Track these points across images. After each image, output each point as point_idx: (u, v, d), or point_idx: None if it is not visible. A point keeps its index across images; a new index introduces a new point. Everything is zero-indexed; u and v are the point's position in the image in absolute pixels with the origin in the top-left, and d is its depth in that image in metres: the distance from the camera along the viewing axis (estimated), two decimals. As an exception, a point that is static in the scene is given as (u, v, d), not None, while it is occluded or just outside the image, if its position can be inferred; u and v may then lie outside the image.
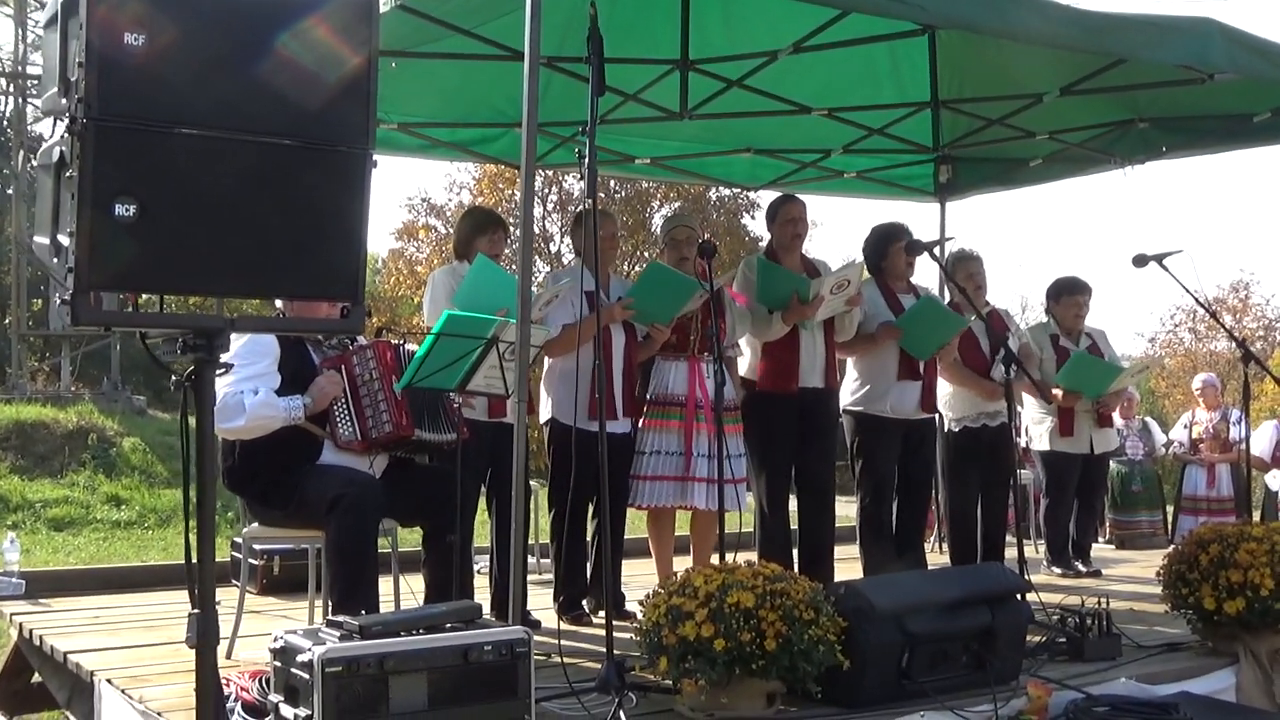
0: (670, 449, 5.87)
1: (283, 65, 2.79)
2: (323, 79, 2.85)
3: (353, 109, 2.90)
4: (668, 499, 5.87)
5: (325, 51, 2.85)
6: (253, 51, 2.76)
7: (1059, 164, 8.21)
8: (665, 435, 5.90)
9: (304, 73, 2.82)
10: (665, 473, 5.86)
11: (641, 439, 5.93)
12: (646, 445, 5.91)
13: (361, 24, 2.92)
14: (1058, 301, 7.68)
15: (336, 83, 2.87)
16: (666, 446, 5.88)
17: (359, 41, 2.91)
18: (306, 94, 2.83)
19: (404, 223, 24.98)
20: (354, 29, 2.90)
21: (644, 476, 5.87)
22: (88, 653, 4.98)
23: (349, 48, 2.89)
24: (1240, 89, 6.29)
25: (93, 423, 15.13)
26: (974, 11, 4.68)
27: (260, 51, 2.77)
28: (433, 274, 5.92)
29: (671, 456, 5.87)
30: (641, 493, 5.87)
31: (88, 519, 12.71)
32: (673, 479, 5.85)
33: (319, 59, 2.84)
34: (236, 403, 4.59)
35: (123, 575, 7.19)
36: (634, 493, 5.89)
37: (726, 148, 8.14)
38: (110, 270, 2.61)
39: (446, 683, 3.42)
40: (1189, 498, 10.09)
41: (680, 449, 5.85)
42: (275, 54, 2.78)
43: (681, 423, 5.88)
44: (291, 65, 2.80)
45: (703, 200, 23.91)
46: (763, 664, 3.79)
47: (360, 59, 2.91)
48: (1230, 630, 4.96)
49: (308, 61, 2.83)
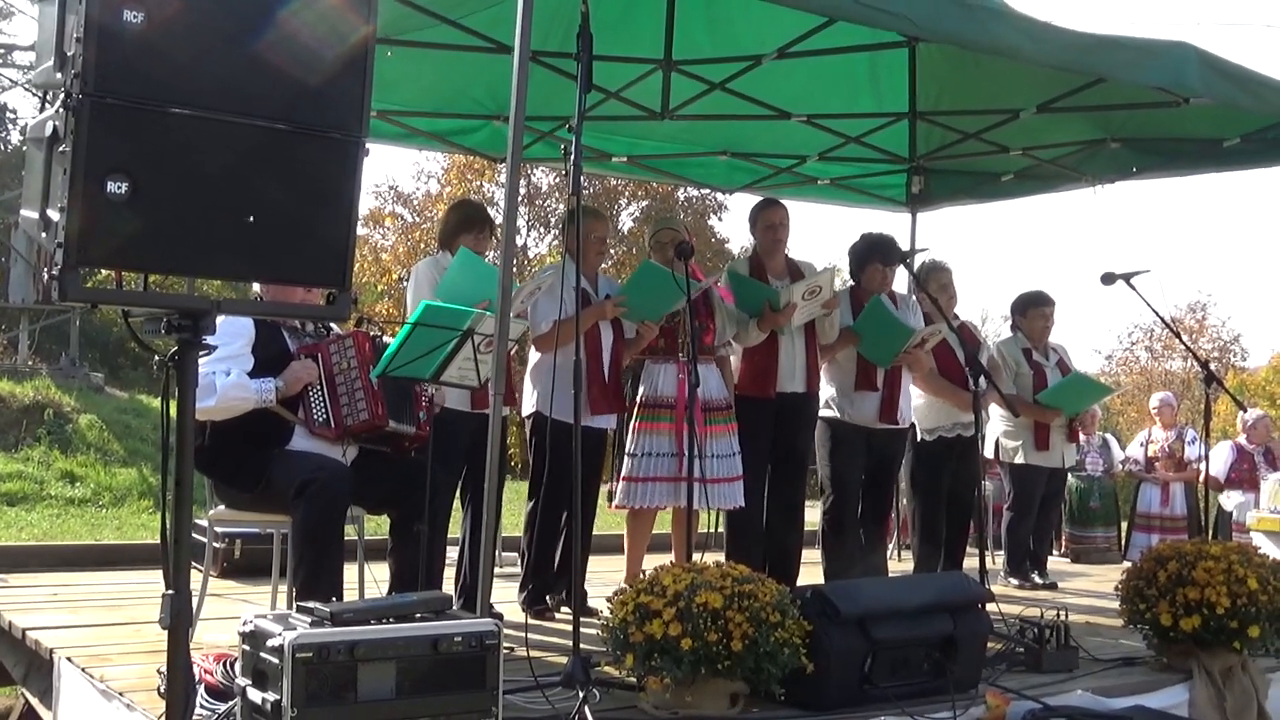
0: (662, 450, 5.89)
1: (281, 49, 2.79)
2: (320, 64, 2.85)
3: (348, 96, 2.90)
4: (662, 500, 5.89)
5: (323, 36, 2.85)
6: (251, 34, 2.76)
7: (1030, 180, 8.29)
8: (657, 437, 5.91)
9: (302, 57, 2.82)
10: (659, 474, 5.87)
11: (633, 442, 5.95)
12: (639, 448, 5.93)
13: (360, 10, 2.92)
14: (1024, 315, 7.76)
15: (333, 68, 2.87)
16: (659, 448, 5.90)
17: (357, 27, 2.91)
18: (302, 79, 2.83)
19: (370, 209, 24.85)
20: (353, 15, 2.90)
21: (638, 479, 5.89)
22: (47, 630, 4.94)
23: (347, 34, 2.89)
24: (1213, 114, 6.40)
25: (49, 398, 14.95)
26: (959, 26, 4.71)
27: (259, 34, 2.77)
28: (416, 266, 5.91)
29: (664, 458, 5.89)
30: (635, 494, 5.89)
31: (41, 495, 12.54)
32: (667, 480, 5.86)
33: (317, 44, 2.84)
34: (208, 383, 4.57)
35: (79, 553, 7.14)
36: (628, 494, 5.90)
37: (704, 149, 8.17)
38: (100, 247, 2.60)
39: (415, 672, 3.42)
40: (1143, 515, 10.25)
41: (672, 450, 5.86)
42: (273, 37, 2.78)
43: (672, 424, 5.89)
44: (289, 49, 2.80)
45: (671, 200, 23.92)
46: (728, 664, 3.82)
47: (358, 45, 2.91)
48: (1185, 646, 5.04)
49: (306, 46, 2.83)
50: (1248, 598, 4.90)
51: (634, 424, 5.96)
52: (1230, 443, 10.32)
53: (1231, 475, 9.94)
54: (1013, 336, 7.86)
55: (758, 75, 6.68)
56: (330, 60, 2.86)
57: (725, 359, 6.22)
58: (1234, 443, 10.25)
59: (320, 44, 2.85)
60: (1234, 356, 29.55)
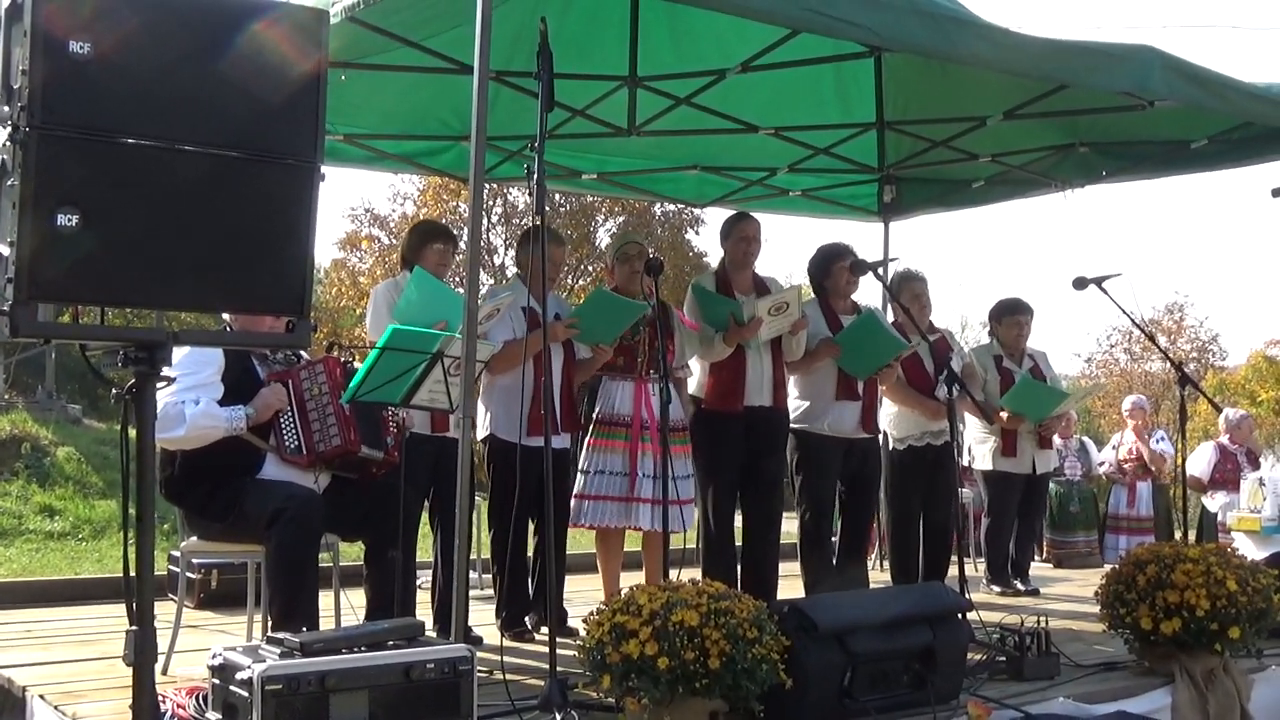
0: (615, 469, 5.85)
1: (231, 76, 2.77)
2: (271, 90, 2.83)
3: (301, 121, 2.88)
4: (612, 519, 5.85)
5: (274, 63, 2.83)
6: (201, 62, 2.75)
7: (1001, 186, 8.30)
8: (610, 455, 5.87)
9: (252, 84, 2.80)
10: (609, 493, 5.83)
11: (586, 459, 5.92)
12: (591, 465, 5.89)
13: (311, 36, 2.90)
14: (1000, 322, 7.78)
15: (285, 94, 2.85)
16: (611, 466, 5.85)
17: (308, 53, 2.89)
18: (254, 105, 2.81)
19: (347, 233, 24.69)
20: (303, 41, 2.89)
21: (588, 496, 5.85)
22: (19, 667, 4.88)
23: (298, 60, 2.87)
24: (1180, 116, 6.42)
25: (26, 431, 14.86)
26: (922, 35, 4.71)
27: (208, 62, 2.76)
28: (375, 288, 5.89)
29: (616, 477, 5.85)
30: (585, 512, 5.85)
31: (20, 529, 12.46)
32: (617, 499, 5.83)
33: (268, 71, 2.82)
34: (177, 412, 4.54)
35: (57, 588, 7.08)
36: (578, 512, 5.86)
37: (674, 164, 8.16)
38: (51, 281, 2.58)
39: (388, 700, 3.40)
40: (1113, 516, 10.41)
41: (625, 469, 5.83)
42: (223, 65, 2.77)
43: (627, 443, 5.86)
44: (240, 76, 2.78)
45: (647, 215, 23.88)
46: (706, 683, 3.78)
47: (309, 71, 2.89)
48: (1166, 650, 5.02)
49: (256, 73, 2.81)
50: (1227, 599, 4.88)
51: (588, 440, 5.93)
52: (1213, 443, 10.34)
53: (1215, 476, 9.94)
54: (988, 344, 7.88)
55: (724, 89, 6.67)
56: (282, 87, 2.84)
57: (682, 381, 6.21)
58: (1217, 443, 10.26)
59: (271, 71, 2.82)
60: (1213, 356, 29.57)
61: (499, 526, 5.78)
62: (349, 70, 5.58)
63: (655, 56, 6.49)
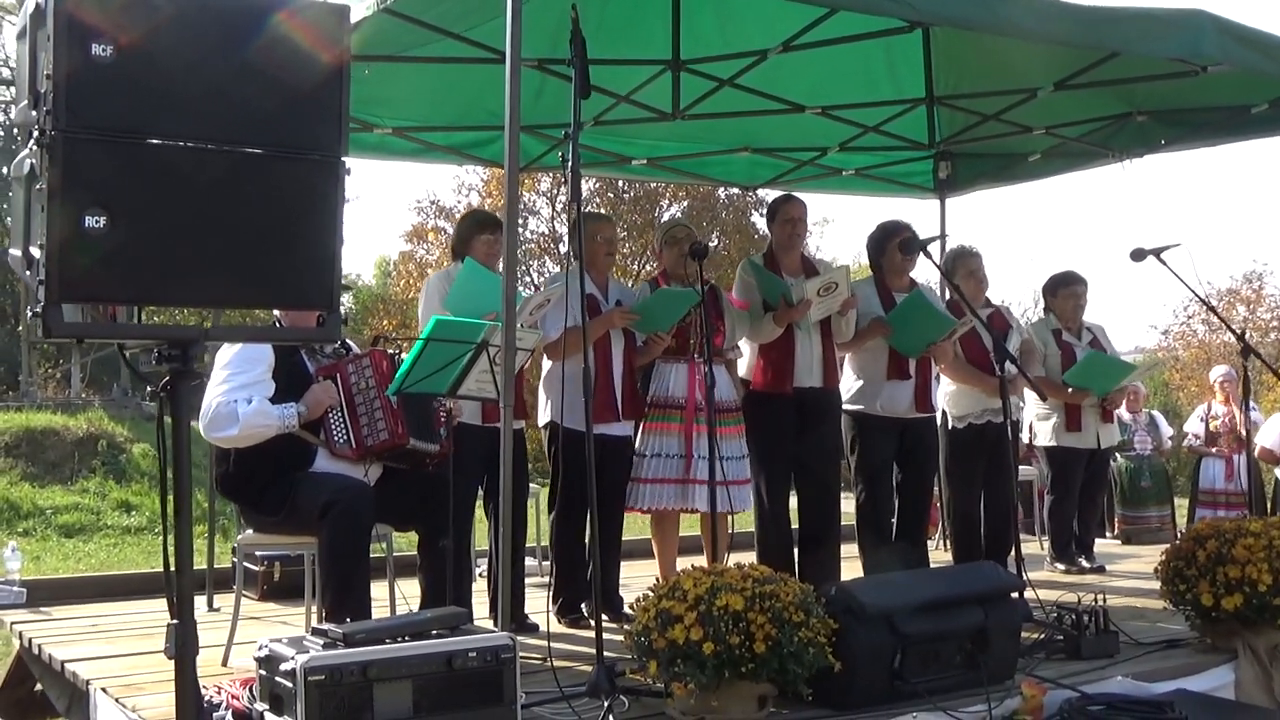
0: (671, 452, 5.86)
1: (253, 74, 2.78)
2: (293, 87, 2.83)
3: (325, 115, 2.88)
4: (669, 502, 5.85)
5: (296, 59, 2.84)
6: (222, 60, 2.75)
7: (1057, 159, 8.18)
8: (665, 438, 5.88)
9: (274, 81, 2.81)
10: (666, 476, 5.84)
11: (642, 442, 5.92)
12: (647, 448, 5.90)
13: (332, 28, 2.90)
14: (1055, 296, 7.65)
15: (307, 90, 2.85)
16: (667, 449, 5.86)
17: (330, 48, 2.89)
18: (277, 102, 2.82)
19: (414, 225, 24.95)
20: (325, 34, 2.89)
21: (645, 480, 5.86)
22: (84, 661, 4.98)
23: (320, 54, 2.87)
24: (1238, 81, 6.27)
25: (103, 429, 15.13)
26: (963, 8, 4.66)
27: (230, 60, 2.76)
28: (427, 280, 5.91)
29: (672, 459, 5.85)
30: (642, 496, 5.86)
31: (98, 525, 12.72)
32: (674, 482, 5.83)
33: (289, 67, 2.83)
34: (230, 411, 4.60)
35: (124, 582, 7.18)
36: (635, 496, 5.87)
37: (724, 147, 8.12)
38: (81, 282, 2.61)
39: (431, 690, 3.42)
40: (1206, 491, 9.95)
41: (681, 452, 5.83)
42: (245, 63, 2.77)
43: (681, 425, 5.86)
44: (262, 74, 2.79)
45: (711, 199, 23.85)
46: (752, 667, 3.77)
47: (331, 65, 2.89)
48: (1229, 626, 4.93)
49: (278, 69, 2.81)
50: (1290, 573, 4.78)
51: (643, 424, 5.94)
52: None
53: (1289, 448, 9.68)
54: (1044, 318, 7.76)
55: (769, 69, 6.63)
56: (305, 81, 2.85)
57: (732, 362, 6.19)
58: (1289, 414, 10.01)
59: (294, 66, 2.84)
60: (1296, 324, 28.90)
61: (559, 513, 5.80)
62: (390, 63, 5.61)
63: (698, 39, 6.47)
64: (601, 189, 23.17)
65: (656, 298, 5.87)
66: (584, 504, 5.54)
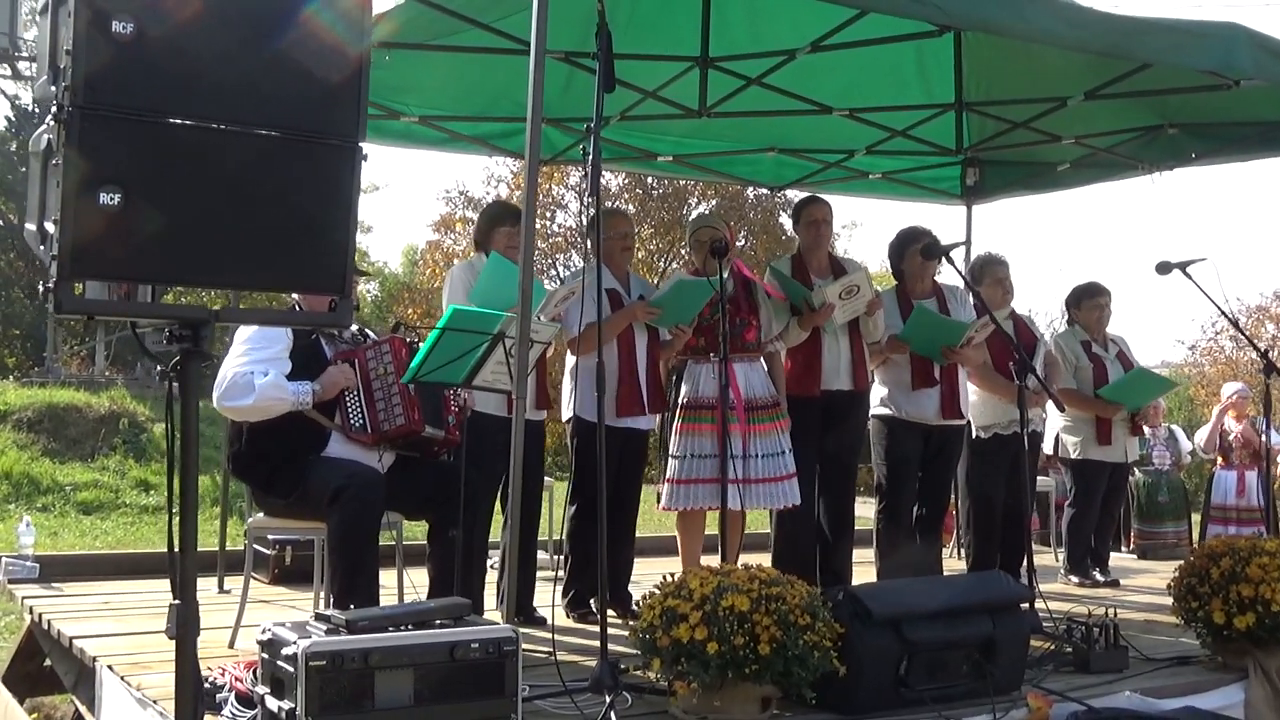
0: (705, 452, 5.82)
1: (274, 55, 2.77)
2: (314, 69, 2.82)
3: (344, 101, 2.87)
4: (707, 501, 5.81)
5: (318, 41, 2.83)
6: (244, 41, 2.75)
7: (1086, 169, 8.13)
8: (700, 439, 5.85)
9: (295, 63, 2.80)
10: (702, 476, 5.81)
11: (677, 443, 5.89)
12: (683, 449, 5.87)
13: (354, 14, 2.90)
14: (1079, 307, 7.60)
15: (328, 74, 2.84)
16: (702, 450, 5.82)
17: (352, 32, 2.89)
18: (297, 86, 2.81)
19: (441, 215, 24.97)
20: (347, 19, 2.88)
21: (680, 480, 5.83)
22: (92, 638, 5.01)
23: (342, 38, 2.87)
24: (1272, 96, 6.22)
25: (124, 407, 15.20)
26: (993, 13, 4.62)
27: (252, 41, 2.76)
28: (450, 270, 5.92)
29: (707, 460, 5.81)
30: (678, 496, 5.83)
31: (116, 503, 12.77)
32: (710, 482, 5.78)
33: (311, 49, 2.82)
34: (246, 382, 4.61)
35: (137, 561, 7.21)
36: (673, 497, 5.85)
37: (750, 146, 8.10)
38: (95, 259, 2.60)
39: (432, 679, 3.41)
40: (1219, 507, 9.87)
41: (715, 451, 5.78)
42: (267, 44, 2.77)
43: (714, 425, 5.81)
44: (283, 55, 2.79)
45: (740, 198, 23.81)
46: (756, 668, 3.75)
47: (353, 50, 2.89)
48: (1241, 645, 4.88)
49: (300, 51, 2.81)
50: (1305, 594, 4.74)
51: (677, 425, 5.91)
52: (1309, 434, 9.96)
53: (1312, 467, 9.59)
54: (1070, 329, 7.69)
55: (798, 69, 6.61)
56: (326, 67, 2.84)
57: (774, 355, 6.14)
58: (1313, 434, 9.89)
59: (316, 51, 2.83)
60: (1332, 343, 28.65)
61: (577, 507, 5.79)
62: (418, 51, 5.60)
63: (727, 36, 6.45)
64: (630, 185, 23.15)
65: (674, 290, 5.86)
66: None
